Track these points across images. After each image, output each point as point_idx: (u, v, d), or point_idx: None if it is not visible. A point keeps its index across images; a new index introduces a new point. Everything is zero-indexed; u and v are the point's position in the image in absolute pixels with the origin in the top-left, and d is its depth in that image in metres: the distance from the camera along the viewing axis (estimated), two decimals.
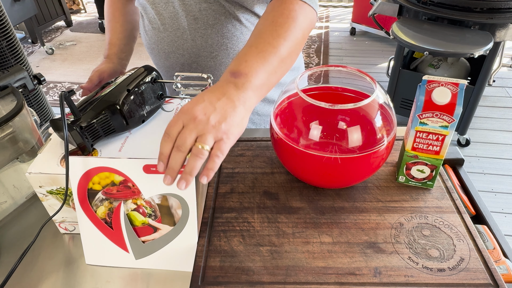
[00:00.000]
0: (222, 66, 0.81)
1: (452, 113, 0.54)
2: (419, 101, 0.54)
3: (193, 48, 0.79)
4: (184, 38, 0.78)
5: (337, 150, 0.56)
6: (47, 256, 0.59)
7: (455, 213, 0.59)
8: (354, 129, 0.56)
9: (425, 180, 0.63)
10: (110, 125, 0.57)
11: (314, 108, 0.55)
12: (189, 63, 0.81)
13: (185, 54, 0.80)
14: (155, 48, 0.84)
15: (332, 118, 0.58)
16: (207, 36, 0.77)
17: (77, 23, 4.01)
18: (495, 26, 1.73)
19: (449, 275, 0.51)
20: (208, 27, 0.76)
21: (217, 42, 0.77)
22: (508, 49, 3.00)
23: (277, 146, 0.61)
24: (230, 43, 0.78)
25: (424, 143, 0.58)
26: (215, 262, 0.54)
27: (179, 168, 0.46)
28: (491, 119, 2.34)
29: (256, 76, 0.51)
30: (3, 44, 1.32)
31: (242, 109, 0.49)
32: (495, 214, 1.77)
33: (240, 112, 0.48)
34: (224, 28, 0.76)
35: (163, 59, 0.84)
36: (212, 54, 0.79)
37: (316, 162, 0.56)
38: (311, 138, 0.57)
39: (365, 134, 0.57)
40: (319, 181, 0.63)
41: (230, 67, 0.53)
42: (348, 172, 0.58)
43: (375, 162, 0.58)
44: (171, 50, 0.81)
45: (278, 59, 0.54)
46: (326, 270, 0.52)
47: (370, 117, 0.58)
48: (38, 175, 0.54)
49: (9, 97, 0.62)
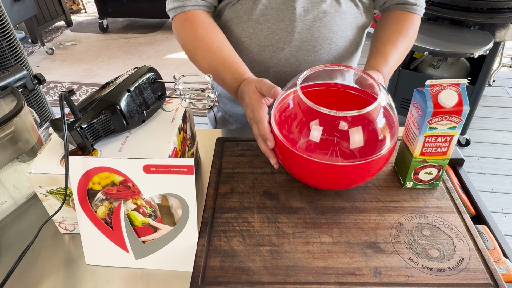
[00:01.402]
0: (320, 62, 0.79)
1: (460, 114, 0.54)
2: (429, 107, 0.54)
3: (296, 41, 0.76)
4: (288, 30, 0.75)
5: (339, 154, 0.56)
6: (47, 256, 0.59)
7: (455, 213, 0.59)
8: (357, 135, 0.56)
9: (432, 180, 0.63)
10: (110, 125, 0.57)
11: (315, 112, 0.54)
12: (286, 57, 0.78)
13: (284, 48, 0.77)
14: (246, 41, 0.78)
15: (335, 123, 0.57)
16: (314, 29, 0.75)
17: (77, 23, 4.01)
18: (495, 26, 1.73)
19: (449, 275, 0.51)
20: (317, 19, 0.74)
21: (323, 35, 0.75)
22: (508, 49, 3.00)
23: (278, 148, 0.61)
24: (335, 37, 0.77)
25: (433, 146, 0.58)
26: (215, 262, 0.54)
27: None
28: (491, 119, 2.34)
29: (392, 69, 0.75)
30: (3, 44, 1.32)
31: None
32: (495, 214, 1.77)
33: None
34: (332, 22, 0.75)
35: (253, 53, 0.79)
36: (315, 48, 0.77)
37: (317, 168, 0.56)
38: (312, 143, 0.56)
39: (368, 139, 0.56)
40: (321, 185, 0.62)
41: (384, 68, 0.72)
42: (351, 176, 0.58)
43: (378, 165, 0.58)
44: (269, 43, 0.77)
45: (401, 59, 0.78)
46: (326, 270, 0.52)
47: (373, 122, 0.57)
48: (38, 175, 0.54)
49: (9, 97, 0.62)
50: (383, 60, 0.73)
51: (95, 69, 3.13)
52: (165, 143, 0.58)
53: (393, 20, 0.79)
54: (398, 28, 0.77)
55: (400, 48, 0.76)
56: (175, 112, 0.65)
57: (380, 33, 0.79)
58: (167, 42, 3.52)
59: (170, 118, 0.64)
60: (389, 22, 0.79)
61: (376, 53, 0.75)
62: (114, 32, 3.77)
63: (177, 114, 0.65)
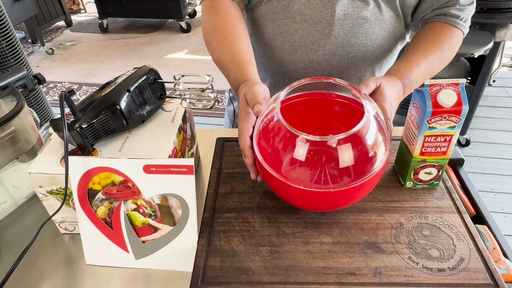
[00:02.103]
0: (353, 69, 0.77)
1: (459, 113, 0.54)
2: (428, 106, 0.54)
3: (331, 45, 0.74)
4: (324, 33, 0.72)
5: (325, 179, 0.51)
6: (47, 256, 0.59)
7: (455, 213, 0.59)
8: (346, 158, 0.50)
9: (432, 180, 0.63)
10: (110, 125, 0.57)
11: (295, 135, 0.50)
12: (318, 60, 0.76)
13: (318, 50, 0.75)
14: (279, 39, 0.76)
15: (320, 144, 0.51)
16: (351, 34, 0.72)
17: (77, 23, 4.01)
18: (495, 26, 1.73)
19: (449, 275, 0.51)
20: (356, 25, 0.72)
21: (359, 42, 0.74)
22: (508, 49, 3.00)
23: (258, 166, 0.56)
24: (371, 46, 0.75)
25: (432, 146, 0.58)
26: (215, 262, 0.54)
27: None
28: (491, 119, 2.34)
29: (416, 83, 0.68)
30: (3, 44, 1.32)
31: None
32: (495, 214, 1.77)
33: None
34: (371, 29, 0.73)
35: (285, 52, 0.77)
36: (350, 54, 0.75)
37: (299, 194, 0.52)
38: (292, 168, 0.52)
39: (358, 160, 0.51)
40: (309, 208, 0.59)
41: (406, 75, 0.67)
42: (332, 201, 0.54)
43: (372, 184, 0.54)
44: (303, 43, 0.74)
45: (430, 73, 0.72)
46: (326, 270, 0.52)
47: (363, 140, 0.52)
48: (38, 175, 0.54)
49: (9, 97, 0.62)
50: (406, 66, 0.69)
51: (95, 69, 3.13)
52: (165, 143, 0.58)
53: (430, 31, 0.74)
54: (432, 38, 0.72)
55: (430, 59, 0.70)
56: (175, 112, 0.65)
57: (412, 42, 0.75)
58: (167, 42, 3.52)
59: (170, 118, 0.64)
60: (425, 32, 0.74)
61: (401, 60, 0.71)
62: (114, 32, 3.77)
63: (177, 114, 0.65)
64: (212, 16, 0.72)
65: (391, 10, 0.73)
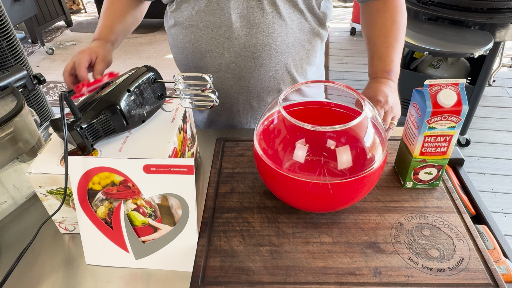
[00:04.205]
0: (262, 68, 0.78)
1: (459, 113, 0.54)
2: (428, 106, 0.54)
3: (235, 47, 0.76)
4: (226, 36, 0.75)
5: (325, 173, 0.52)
6: (47, 256, 0.59)
7: (455, 213, 0.59)
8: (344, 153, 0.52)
9: (432, 180, 0.63)
10: (110, 125, 0.57)
11: (298, 129, 0.52)
12: (227, 63, 0.78)
13: (224, 54, 0.77)
14: (188, 47, 0.80)
15: (319, 140, 0.54)
16: (251, 35, 0.74)
17: (77, 23, 4.01)
18: (495, 26, 1.73)
19: (449, 275, 0.51)
20: (254, 25, 0.74)
21: (261, 42, 0.75)
22: (508, 49, 3.00)
23: (261, 168, 0.58)
24: (274, 44, 0.76)
25: (432, 146, 0.58)
26: (215, 262, 0.54)
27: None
28: (491, 119, 2.34)
29: (398, 68, 0.75)
30: (3, 44, 1.32)
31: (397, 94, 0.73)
32: (495, 214, 1.77)
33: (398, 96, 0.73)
34: (271, 28, 0.74)
35: (196, 59, 0.80)
36: (254, 54, 0.77)
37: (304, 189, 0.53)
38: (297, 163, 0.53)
39: (356, 157, 0.53)
40: (308, 208, 0.60)
41: (383, 67, 0.74)
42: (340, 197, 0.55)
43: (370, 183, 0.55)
44: (209, 49, 0.78)
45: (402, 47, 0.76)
46: (326, 270, 0.52)
47: (359, 138, 0.54)
48: (38, 175, 0.54)
49: (9, 97, 0.62)
50: (384, 65, 0.74)
51: None
52: (165, 143, 0.58)
53: (377, 14, 0.77)
54: (382, 21, 0.76)
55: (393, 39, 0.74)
56: (175, 112, 0.65)
57: (369, 33, 0.77)
58: (167, 42, 3.51)
59: (170, 118, 0.64)
60: (374, 17, 0.77)
61: (372, 58, 0.75)
62: None
63: (177, 114, 0.65)
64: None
65: (291, 7, 0.75)
